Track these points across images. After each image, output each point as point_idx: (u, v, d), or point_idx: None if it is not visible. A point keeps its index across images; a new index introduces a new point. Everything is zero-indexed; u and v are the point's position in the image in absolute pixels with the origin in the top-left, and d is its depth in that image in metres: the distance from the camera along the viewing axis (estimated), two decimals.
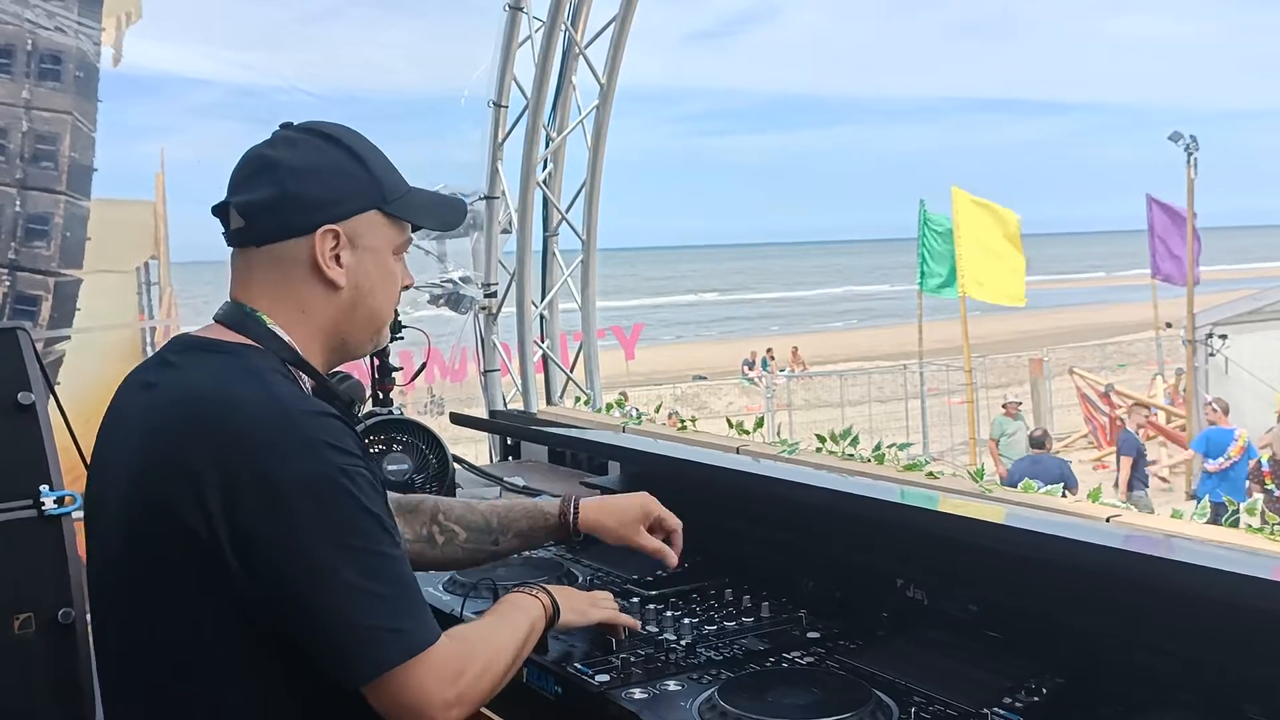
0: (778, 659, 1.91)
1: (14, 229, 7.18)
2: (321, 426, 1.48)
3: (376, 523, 1.47)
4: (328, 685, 1.48)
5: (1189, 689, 1.61)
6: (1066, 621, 1.79)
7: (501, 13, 5.10)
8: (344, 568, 1.42)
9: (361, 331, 1.68)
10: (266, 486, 1.42)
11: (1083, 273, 72.81)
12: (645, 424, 4.68)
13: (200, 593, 1.46)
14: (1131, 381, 19.61)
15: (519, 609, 1.74)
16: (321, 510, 1.43)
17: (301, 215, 1.59)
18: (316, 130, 1.65)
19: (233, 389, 1.50)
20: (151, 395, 1.56)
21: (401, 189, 1.68)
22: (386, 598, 1.44)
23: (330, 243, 1.59)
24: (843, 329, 42.85)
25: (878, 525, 2.18)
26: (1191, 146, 14.48)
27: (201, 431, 1.46)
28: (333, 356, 1.69)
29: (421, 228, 1.73)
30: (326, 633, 1.43)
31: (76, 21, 6.95)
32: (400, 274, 1.71)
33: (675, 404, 19.23)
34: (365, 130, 1.73)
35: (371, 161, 1.65)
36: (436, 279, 4.92)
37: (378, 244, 1.64)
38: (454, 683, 1.48)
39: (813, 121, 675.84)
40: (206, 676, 1.48)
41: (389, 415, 3.36)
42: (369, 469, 1.51)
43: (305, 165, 1.60)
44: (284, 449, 1.44)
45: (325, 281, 1.60)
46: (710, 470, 2.68)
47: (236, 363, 1.55)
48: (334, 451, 1.46)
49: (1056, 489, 3.31)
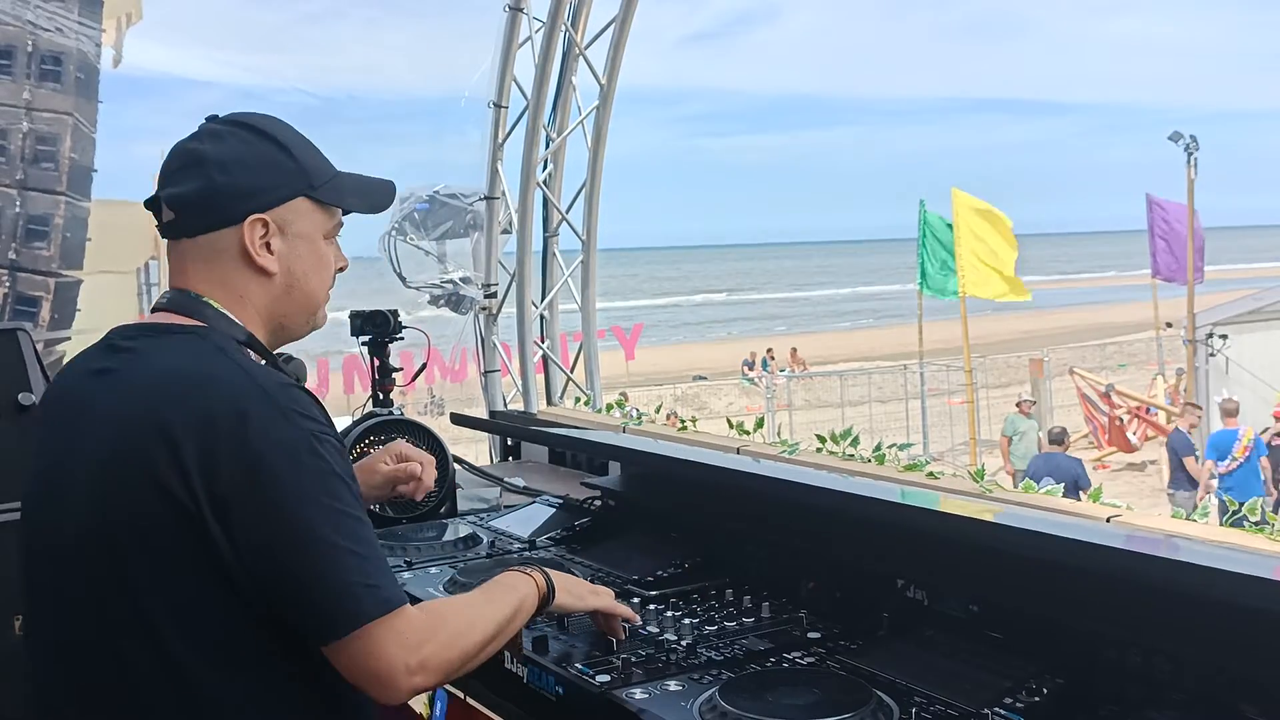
0: (778, 659, 1.91)
1: (14, 230, 7.19)
2: (291, 396, 1.53)
3: (346, 486, 1.53)
4: (310, 665, 1.52)
5: (1189, 689, 1.61)
6: (1067, 622, 1.79)
7: (501, 14, 5.11)
8: (321, 526, 1.47)
9: (298, 315, 1.73)
10: (246, 453, 1.46)
11: (1083, 273, 72.81)
12: (645, 424, 4.68)
13: (185, 562, 1.48)
14: (1132, 381, 19.61)
15: (507, 586, 1.77)
16: (299, 473, 1.48)
17: (229, 206, 1.63)
18: (241, 122, 1.68)
19: (203, 364, 1.55)
20: (111, 379, 1.57)
21: (327, 174, 1.72)
22: (362, 555, 1.49)
23: (260, 231, 1.64)
24: (843, 329, 42.84)
25: (878, 526, 2.18)
26: (1191, 146, 14.49)
27: (179, 401, 1.49)
28: (272, 339, 1.72)
29: (351, 211, 1.77)
30: (306, 588, 1.47)
31: (77, 23, 6.96)
32: (334, 257, 1.75)
33: (675, 404, 19.25)
34: (367, 131, 1.77)
35: (296, 150, 1.69)
36: (437, 279, 4.92)
37: (308, 230, 1.69)
38: (417, 649, 1.50)
39: (812, 122, 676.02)
40: (192, 654, 1.49)
41: (389, 416, 3.36)
42: (336, 437, 1.56)
43: (231, 157, 1.63)
44: (260, 417, 1.48)
45: (258, 269, 1.65)
46: (710, 470, 2.68)
47: (200, 342, 1.59)
48: (305, 419, 1.52)
49: (1058, 489, 3.32)
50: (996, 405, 19.87)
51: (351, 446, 3.20)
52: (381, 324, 3.51)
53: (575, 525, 2.80)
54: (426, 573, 2.48)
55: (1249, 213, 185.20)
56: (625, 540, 2.63)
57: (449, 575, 2.40)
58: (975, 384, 16.37)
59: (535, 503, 3.09)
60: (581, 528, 2.78)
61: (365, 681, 1.49)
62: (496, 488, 3.80)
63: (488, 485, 3.86)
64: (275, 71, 5.78)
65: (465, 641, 1.59)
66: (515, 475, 4.03)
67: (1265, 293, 15.66)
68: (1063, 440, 12.14)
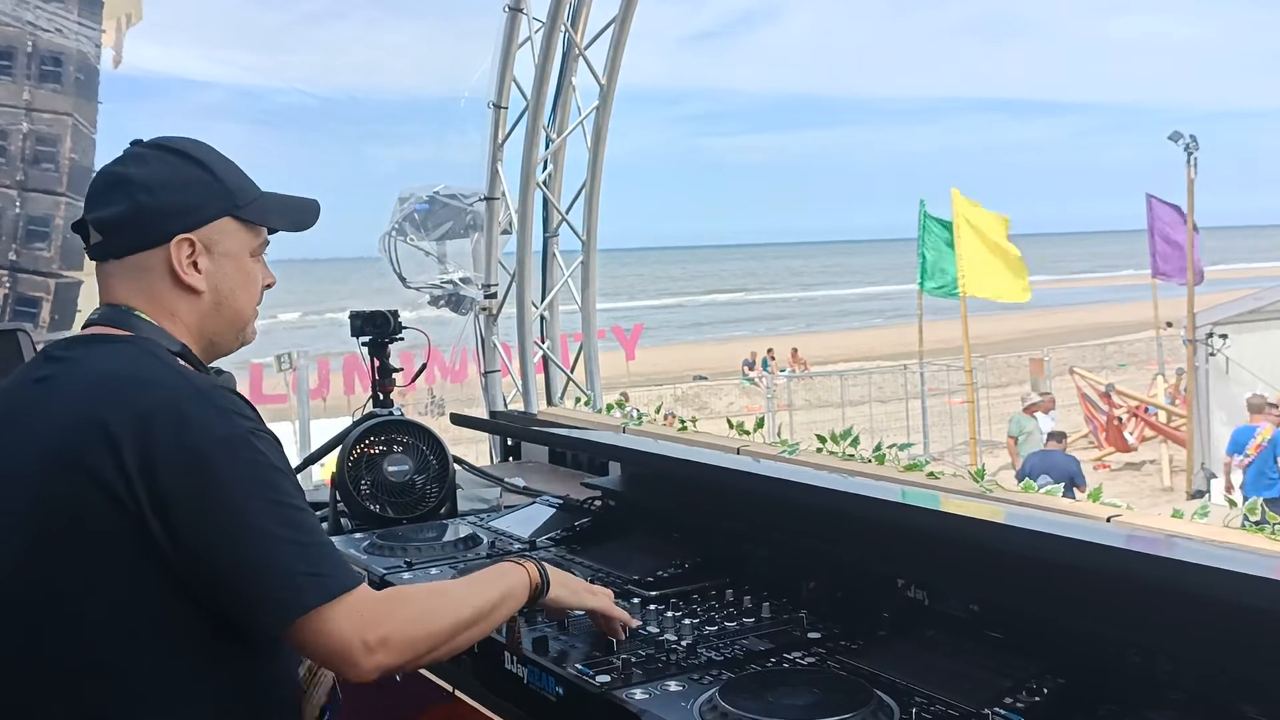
0: (779, 659, 1.91)
1: (15, 231, 7.19)
2: (225, 396, 1.59)
3: (286, 479, 1.58)
4: (255, 654, 1.58)
5: (1190, 689, 1.61)
6: (1067, 622, 1.79)
7: (501, 14, 5.11)
8: (261, 518, 1.51)
9: (227, 331, 1.77)
10: (184, 449, 1.50)
11: (1083, 272, 72.83)
12: (646, 425, 4.68)
13: (124, 560, 1.50)
14: (1132, 381, 19.62)
15: (495, 573, 1.81)
16: (236, 468, 1.52)
17: (155, 226, 1.67)
18: (165, 146, 1.73)
19: (139, 366, 1.59)
20: (48, 386, 1.61)
21: (252, 194, 1.76)
22: (304, 544, 1.53)
23: (186, 250, 1.68)
24: (843, 329, 42.84)
25: (879, 526, 2.18)
26: (1191, 146, 14.47)
27: (117, 401, 1.53)
28: (203, 355, 1.76)
29: (276, 230, 1.81)
30: (248, 580, 1.50)
31: (77, 23, 6.96)
32: (260, 274, 1.80)
33: (676, 404, 19.25)
34: (367, 131, 1.81)
35: (220, 171, 1.73)
36: (437, 280, 4.92)
37: (234, 248, 1.74)
38: (376, 626, 1.53)
39: (814, 122, 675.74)
40: (130, 650, 1.52)
41: (389, 416, 3.36)
42: (271, 434, 1.61)
43: (155, 179, 1.68)
44: (197, 415, 1.53)
45: (186, 287, 1.69)
46: (711, 471, 2.68)
47: (136, 348, 1.63)
48: (241, 418, 1.57)
49: (1057, 489, 3.32)
50: (997, 405, 19.88)
51: (351, 446, 3.20)
52: (382, 324, 3.51)
53: (575, 525, 2.80)
54: (427, 573, 2.48)
55: (1250, 212, 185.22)
56: (625, 540, 2.63)
57: (449, 576, 2.40)
58: (975, 384, 16.37)
59: (535, 503, 3.09)
60: (582, 528, 2.78)
61: (327, 662, 1.55)
62: (497, 488, 3.80)
63: (488, 485, 3.86)
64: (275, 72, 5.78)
65: (434, 622, 1.62)
66: (515, 475, 4.03)
67: (1265, 292, 15.65)
68: (1061, 439, 12.19)
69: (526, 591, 1.81)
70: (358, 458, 3.20)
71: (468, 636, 1.68)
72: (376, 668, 1.54)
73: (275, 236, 1.84)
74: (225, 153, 1.79)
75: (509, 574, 1.81)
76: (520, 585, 1.80)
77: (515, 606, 1.79)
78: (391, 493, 3.18)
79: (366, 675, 1.54)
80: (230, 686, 1.59)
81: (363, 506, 3.13)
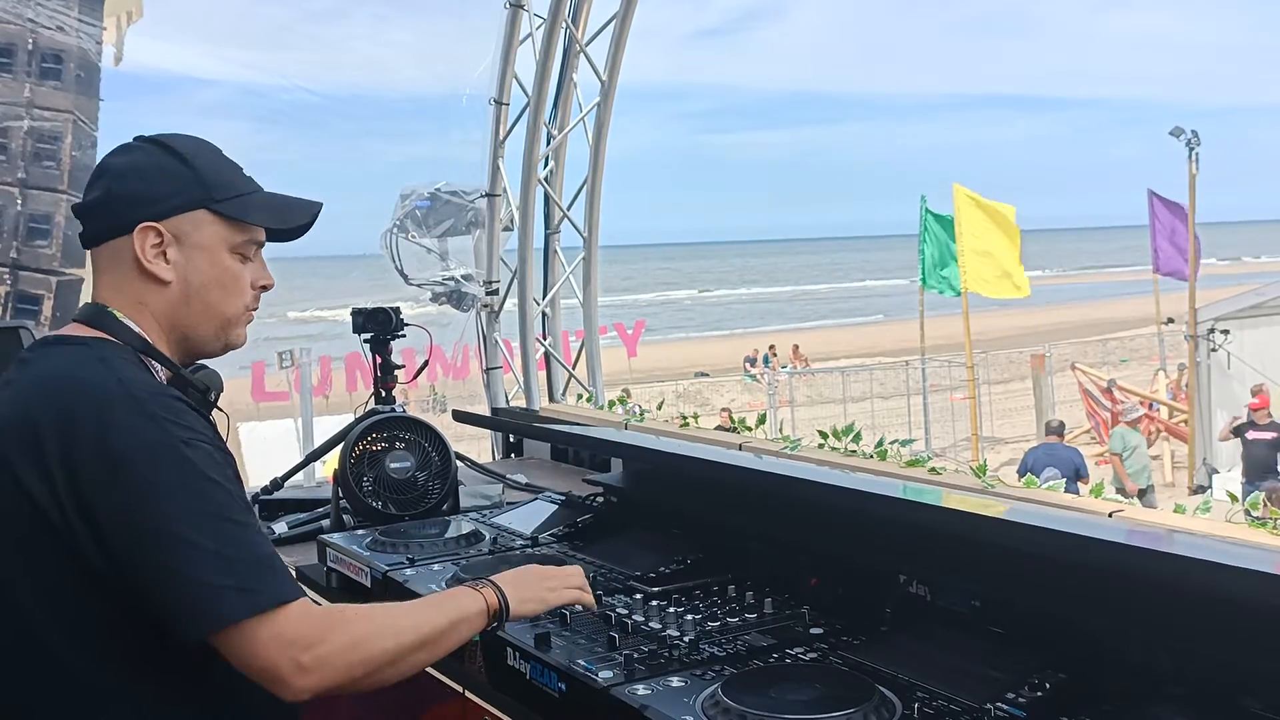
0: (781, 655, 1.91)
1: (16, 228, 7.19)
2: (163, 404, 1.55)
3: (221, 489, 1.53)
4: (193, 660, 1.53)
5: (1192, 684, 1.61)
6: (1069, 617, 1.79)
7: (502, 10, 5.11)
8: (184, 527, 1.47)
9: (201, 327, 1.72)
10: (107, 453, 1.48)
11: (1085, 268, 72.76)
12: (647, 421, 4.68)
13: (52, 562, 1.50)
14: (1134, 377, 19.62)
15: (449, 598, 1.76)
16: (159, 474, 1.49)
17: (121, 214, 1.67)
18: (155, 139, 1.73)
19: (79, 372, 1.58)
20: (8, 389, 1.62)
21: (235, 190, 1.72)
22: (231, 557, 1.49)
23: (152, 239, 1.66)
24: (845, 325, 42.82)
25: (880, 521, 2.18)
26: (1193, 142, 14.47)
27: (46, 403, 1.54)
28: (179, 350, 1.73)
29: (260, 226, 1.75)
30: (167, 588, 1.47)
31: (77, 20, 6.96)
32: (247, 273, 1.75)
33: (678, 401, 19.23)
34: (370, 128, 1.78)
35: (200, 163, 1.70)
36: (439, 277, 4.92)
37: (208, 242, 1.69)
38: (308, 648, 1.49)
39: (817, 118, 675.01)
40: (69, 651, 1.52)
41: (391, 413, 3.37)
42: (216, 446, 1.58)
43: (127, 167, 1.69)
44: (122, 419, 1.51)
45: (151, 277, 1.67)
46: (712, 467, 2.68)
47: (87, 352, 1.62)
48: (174, 425, 1.53)
49: (1060, 483, 3.32)
50: (998, 401, 19.87)
51: (354, 443, 3.20)
52: (383, 321, 3.52)
53: (577, 522, 2.80)
54: (429, 569, 2.48)
55: (1252, 208, 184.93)
56: (627, 536, 2.64)
57: (451, 572, 2.40)
58: (977, 380, 16.36)
59: (537, 499, 3.09)
60: (584, 524, 2.78)
61: (257, 678, 1.50)
62: (499, 485, 3.80)
63: (490, 482, 3.86)
64: (277, 69, 5.78)
65: (373, 646, 1.57)
66: (517, 472, 4.03)
67: (1267, 288, 15.65)
68: (1060, 432, 12.20)
69: (483, 618, 1.75)
70: (360, 454, 3.20)
71: (412, 662, 1.63)
72: (307, 689, 1.50)
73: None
74: (228, 150, 1.78)
75: (461, 598, 1.75)
76: (476, 612, 1.74)
77: (470, 632, 1.74)
78: (394, 489, 3.18)
79: (297, 695, 1.50)
80: (186, 693, 1.58)
81: (365, 503, 3.14)
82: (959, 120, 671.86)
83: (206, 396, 1.76)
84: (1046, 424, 12.96)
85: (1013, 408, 20.04)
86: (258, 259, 1.77)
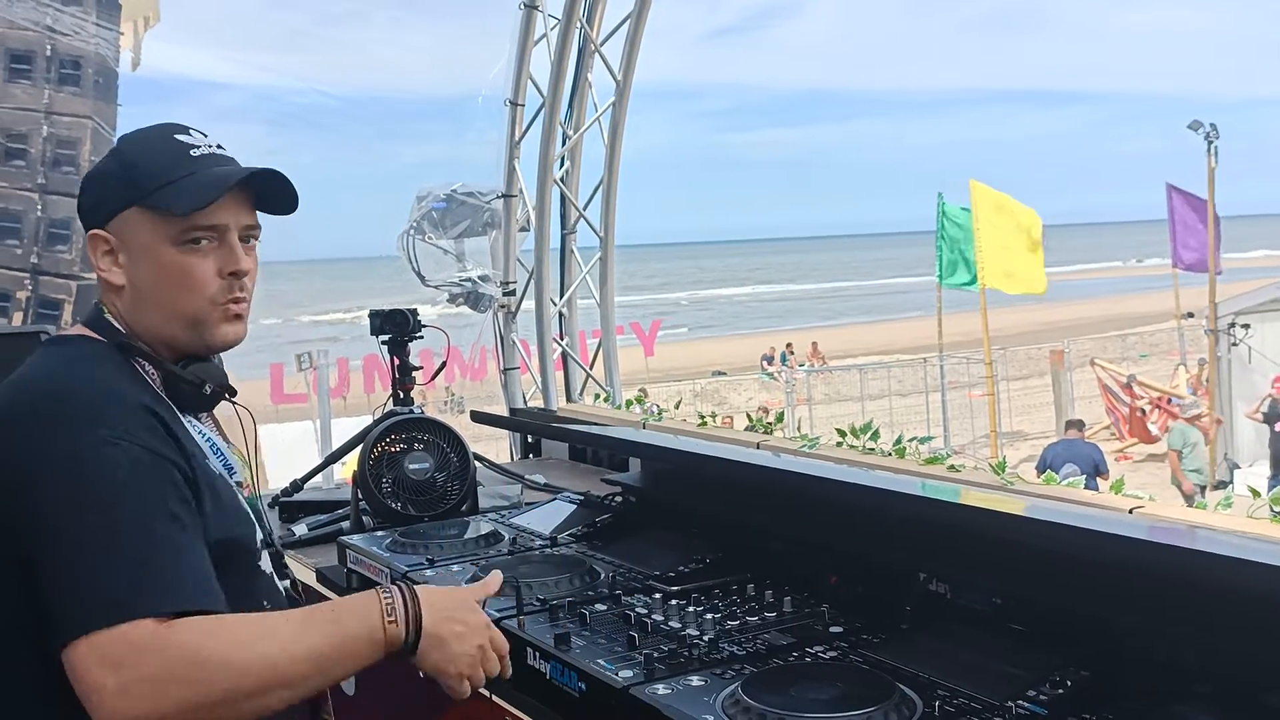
0: (801, 654, 1.91)
1: (36, 233, 7.25)
2: (92, 407, 1.48)
3: (125, 491, 1.42)
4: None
5: (1214, 681, 1.60)
6: (1090, 614, 1.78)
7: (517, 11, 5.12)
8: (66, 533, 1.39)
9: (167, 328, 1.64)
10: (11, 459, 1.44)
11: (1103, 262, 72.37)
12: (666, 420, 4.68)
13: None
14: (1154, 372, 19.51)
15: (336, 621, 1.52)
16: (64, 482, 1.41)
17: (84, 223, 1.68)
18: (118, 140, 1.74)
19: (35, 370, 1.57)
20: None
21: (164, 179, 1.60)
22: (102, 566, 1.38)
23: (101, 246, 1.63)
24: (862, 323, 42.72)
25: (900, 519, 2.18)
26: (1212, 135, 14.37)
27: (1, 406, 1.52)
28: (162, 349, 1.65)
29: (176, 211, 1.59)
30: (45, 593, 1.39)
31: (95, 26, 7.00)
32: (207, 264, 1.62)
33: (695, 399, 19.22)
34: (386, 130, 1.74)
35: (132, 160, 1.64)
36: (455, 278, 4.94)
37: (146, 240, 1.61)
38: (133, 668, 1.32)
39: (832, 116, 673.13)
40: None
41: (410, 414, 3.38)
42: (145, 445, 1.47)
43: (87, 177, 1.70)
44: (33, 423, 1.46)
45: (107, 282, 1.65)
46: (731, 466, 2.68)
47: (60, 352, 1.61)
48: (96, 427, 1.45)
49: (1080, 479, 3.30)
50: (1017, 397, 19.79)
51: (373, 445, 3.21)
52: (401, 323, 3.53)
53: (596, 521, 2.80)
54: (449, 570, 2.49)
55: (1272, 201, 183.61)
56: (646, 536, 2.64)
57: (470, 573, 2.41)
58: (996, 376, 16.29)
59: (556, 499, 3.10)
60: (602, 524, 2.79)
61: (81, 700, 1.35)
62: (517, 485, 3.81)
63: (508, 482, 3.87)
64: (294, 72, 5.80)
65: (218, 676, 1.36)
66: (536, 472, 4.04)
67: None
68: (1080, 428, 12.16)
69: (380, 642, 1.52)
70: (379, 456, 3.21)
71: (269, 701, 1.41)
72: (124, 717, 1.32)
73: (281, 230, 1.77)
74: (245, 153, 1.71)
75: (345, 620, 1.51)
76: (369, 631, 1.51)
77: (358, 661, 1.50)
78: (413, 490, 3.19)
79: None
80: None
81: (384, 504, 3.15)
82: (976, 116, 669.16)
83: (200, 391, 1.67)
84: (1066, 421, 12.91)
85: (1032, 404, 19.97)
86: (226, 244, 1.64)
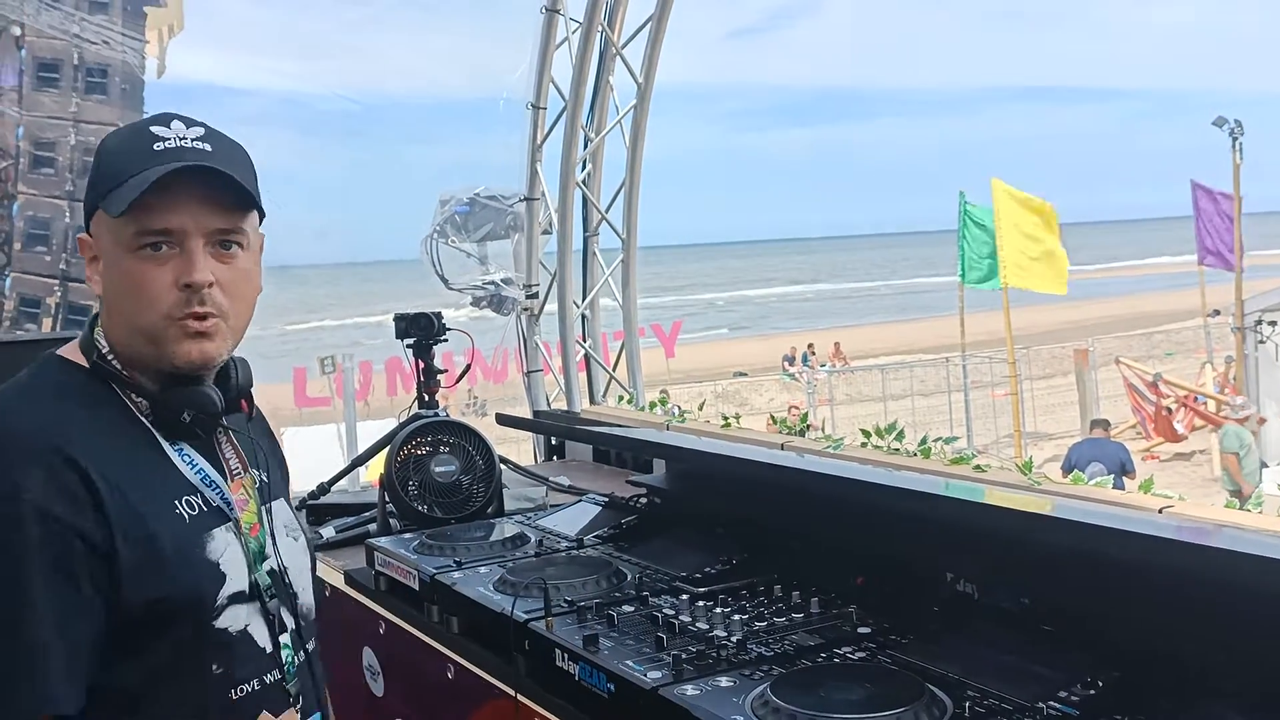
0: (829, 654, 1.91)
1: (64, 241, 7.33)
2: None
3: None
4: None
5: (1245, 682, 1.59)
6: (1120, 614, 1.77)
7: (538, 15, 5.13)
8: None
9: (133, 339, 1.50)
10: None
11: (1128, 260, 71.86)
12: (689, 422, 4.69)
13: None
14: (1180, 370, 19.35)
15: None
16: None
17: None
18: None
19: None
20: None
21: (120, 177, 1.46)
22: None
23: (87, 252, 1.53)
24: (884, 322, 42.57)
25: (926, 519, 2.17)
26: (1236, 131, 14.27)
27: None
28: (150, 365, 1.52)
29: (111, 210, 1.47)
30: None
31: (121, 34, 7.07)
32: (162, 273, 1.46)
33: (717, 401, 19.21)
34: (408, 134, 1.67)
35: (101, 156, 1.53)
36: (478, 281, 4.96)
37: (107, 245, 1.49)
38: None
39: (853, 114, 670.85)
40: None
41: (435, 417, 3.39)
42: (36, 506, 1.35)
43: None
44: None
45: (95, 291, 1.54)
46: (755, 467, 2.68)
47: (18, 379, 1.51)
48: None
49: (1108, 478, 3.29)
50: (1041, 396, 19.68)
51: (399, 448, 3.23)
52: (426, 326, 3.55)
53: (622, 523, 2.81)
54: (476, 572, 2.50)
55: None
56: (672, 537, 2.64)
57: (498, 575, 2.42)
58: (1019, 375, 16.20)
59: (581, 501, 3.11)
60: (628, 525, 2.79)
61: None
62: (542, 487, 3.82)
63: (533, 484, 3.88)
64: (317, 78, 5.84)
65: None
66: (560, 474, 4.05)
67: None
68: (1105, 427, 12.09)
69: None
70: (405, 459, 3.23)
71: None
72: None
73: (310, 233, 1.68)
74: (266, 159, 1.66)
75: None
76: None
77: None
78: (439, 493, 3.21)
79: None
80: None
81: (411, 507, 3.16)
82: (999, 113, 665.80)
83: (180, 420, 1.52)
84: (1092, 420, 12.84)
85: (1056, 403, 19.84)
86: (190, 251, 1.46)
